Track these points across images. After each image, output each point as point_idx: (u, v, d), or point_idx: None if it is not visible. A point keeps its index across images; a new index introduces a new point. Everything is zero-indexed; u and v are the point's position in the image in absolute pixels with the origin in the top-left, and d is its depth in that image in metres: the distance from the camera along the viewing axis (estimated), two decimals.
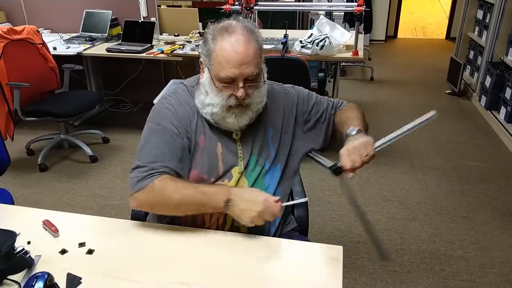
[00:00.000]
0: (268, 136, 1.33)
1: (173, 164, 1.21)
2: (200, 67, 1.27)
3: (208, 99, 1.22)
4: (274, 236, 1.32)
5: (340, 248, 1.14)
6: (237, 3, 3.29)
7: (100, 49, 3.60)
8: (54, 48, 3.51)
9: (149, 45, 3.57)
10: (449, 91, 4.72)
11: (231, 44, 1.15)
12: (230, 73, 1.16)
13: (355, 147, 1.16)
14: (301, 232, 1.44)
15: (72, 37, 3.85)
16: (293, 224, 1.44)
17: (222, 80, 1.18)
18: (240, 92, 1.17)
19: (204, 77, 1.24)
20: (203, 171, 1.26)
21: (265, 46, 3.27)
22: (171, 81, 3.04)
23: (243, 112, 1.22)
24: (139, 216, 1.38)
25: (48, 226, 1.22)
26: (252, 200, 1.14)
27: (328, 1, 4.94)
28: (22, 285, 1.01)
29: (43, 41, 3.29)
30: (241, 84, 1.17)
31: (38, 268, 1.07)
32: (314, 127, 1.41)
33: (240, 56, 1.15)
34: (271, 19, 4.79)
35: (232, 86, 1.18)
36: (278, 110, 1.36)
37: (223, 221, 1.28)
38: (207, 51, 1.20)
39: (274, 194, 1.30)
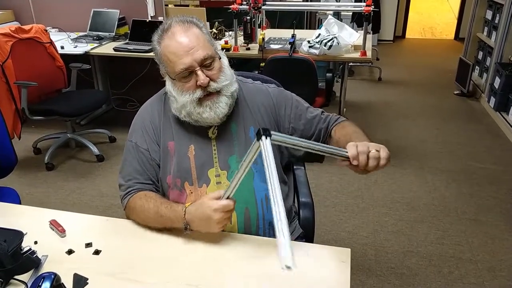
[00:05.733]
0: (250, 135, 1.29)
1: (145, 178, 1.29)
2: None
3: (178, 102, 1.22)
4: None
5: (348, 250, 1.12)
6: (244, 2, 3.28)
7: (107, 48, 3.60)
8: (62, 47, 3.52)
9: None
10: (457, 92, 4.68)
11: (171, 39, 1.18)
12: (182, 64, 1.16)
13: (363, 142, 1.06)
14: (307, 238, 1.42)
15: (80, 36, 3.86)
16: (298, 232, 1.41)
17: (180, 76, 1.19)
18: (202, 78, 1.17)
19: (167, 84, 1.25)
20: (176, 175, 1.27)
21: (273, 46, 3.26)
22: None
23: (216, 101, 1.21)
24: None
25: (55, 226, 1.21)
26: (205, 218, 1.10)
27: (336, 1, 4.91)
28: (29, 285, 1.00)
29: (50, 40, 3.31)
30: (199, 71, 1.17)
31: (45, 268, 1.07)
32: (299, 136, 1.32)
33: (184, 45, 1.17)
34: (278, 19, 4.77)
35: (192, 78, 1.19)
36: (259, 108, 1.33)
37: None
38: (158, 59, 1.24)
39: (266, 197, 1.27)
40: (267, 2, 3.30)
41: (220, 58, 1.23)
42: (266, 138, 0.92)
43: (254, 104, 1.33)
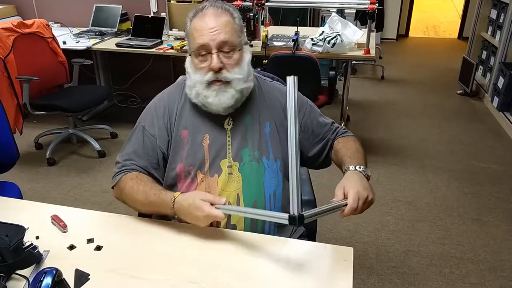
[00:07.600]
0: (265, 131, 1.31)
1: (142, 163, 1.29)
2: None
3: (191, 80, 1.24)
4: None
5: (351, 249, 1.12)
6: None
7: (109, 44, 3.60)
8: (64, 43, 3.52)
9: (158, 40, 3.56)
10: (460, 91, 4.66)
11: (201, 18, 1.21)
12: (201, 40, 1.18)
13: (365, 188, 1.13)
14: (309, 237, 1.42)
15: (82, 31, 3.85)
16: (301, 230, 1.41)
17: (196, 53, 1.20)
18: (214, 61, 1.18)
19: (187, 61, 1.27)
20: (189, 163, 1.27)
21: (276, 43, 3.25)
22: (180, 77, 3.03)
23: (223, 90, 1.21)
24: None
25: (57, 221, 1.21)
26: (196, 216, 1.12)
27: None
28: (30, 280, 1.00)
29: (53, 35, 3.30)
30: (214, 54, 1.19)
31: (47, 264, 1.06)
32: (306, 141, 1.37)
33: (208, 24, 1.19)
34: (282, 16, 4.75)
35: (208, 59, 1.20)
36: (277, 107, 1.34)
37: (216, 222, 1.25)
38: (186, 34, 1.27)
39: (274, 194, 1.29)
40: None
41: (240, 50, 1.23)
42: (299, 225, 1.02)
43: (273, 101, 1.34)
